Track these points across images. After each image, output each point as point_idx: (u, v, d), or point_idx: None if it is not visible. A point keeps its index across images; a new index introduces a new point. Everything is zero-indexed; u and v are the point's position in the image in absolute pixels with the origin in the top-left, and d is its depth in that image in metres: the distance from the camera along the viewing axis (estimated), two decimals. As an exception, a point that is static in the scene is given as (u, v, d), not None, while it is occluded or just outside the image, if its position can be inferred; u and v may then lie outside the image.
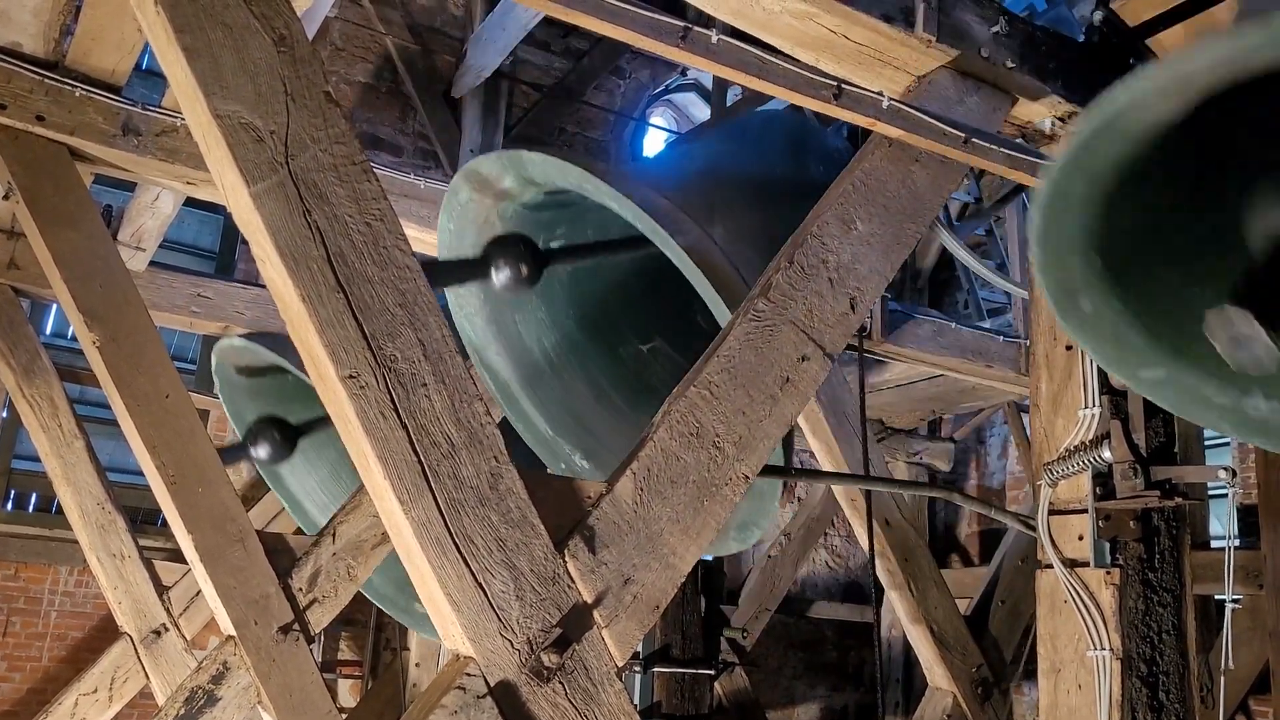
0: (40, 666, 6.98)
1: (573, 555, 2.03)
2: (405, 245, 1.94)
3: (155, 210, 4.59)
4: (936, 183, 2.74)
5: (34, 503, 7.22)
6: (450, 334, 1.96)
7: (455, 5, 8.94)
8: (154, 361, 3.70)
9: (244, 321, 5.42)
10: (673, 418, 2.23)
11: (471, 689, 1.86)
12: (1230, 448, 9.64)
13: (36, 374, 4.56)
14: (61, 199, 3.69)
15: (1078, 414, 2.80)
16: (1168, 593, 2.72)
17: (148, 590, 5.01)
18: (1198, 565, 2.91)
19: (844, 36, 2.58)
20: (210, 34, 1.83)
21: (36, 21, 3.33)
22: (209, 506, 3.69)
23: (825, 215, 2.53)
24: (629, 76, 9.86)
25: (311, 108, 1.90)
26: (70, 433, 4.63)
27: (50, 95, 3.52)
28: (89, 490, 4.72)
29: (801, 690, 9.90)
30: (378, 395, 1.84)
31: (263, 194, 1.81)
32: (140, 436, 3.62)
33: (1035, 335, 3.08)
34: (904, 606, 5.26)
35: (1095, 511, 2.70)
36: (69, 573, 7.10)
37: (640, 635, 2.12)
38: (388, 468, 1.83)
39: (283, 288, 1.86)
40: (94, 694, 5.17)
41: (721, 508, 2.24)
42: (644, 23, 2.37)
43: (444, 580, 1.85)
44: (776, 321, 2.39)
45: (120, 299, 3.72)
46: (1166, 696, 2.64)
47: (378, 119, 8.59)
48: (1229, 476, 2.59)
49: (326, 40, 8.35)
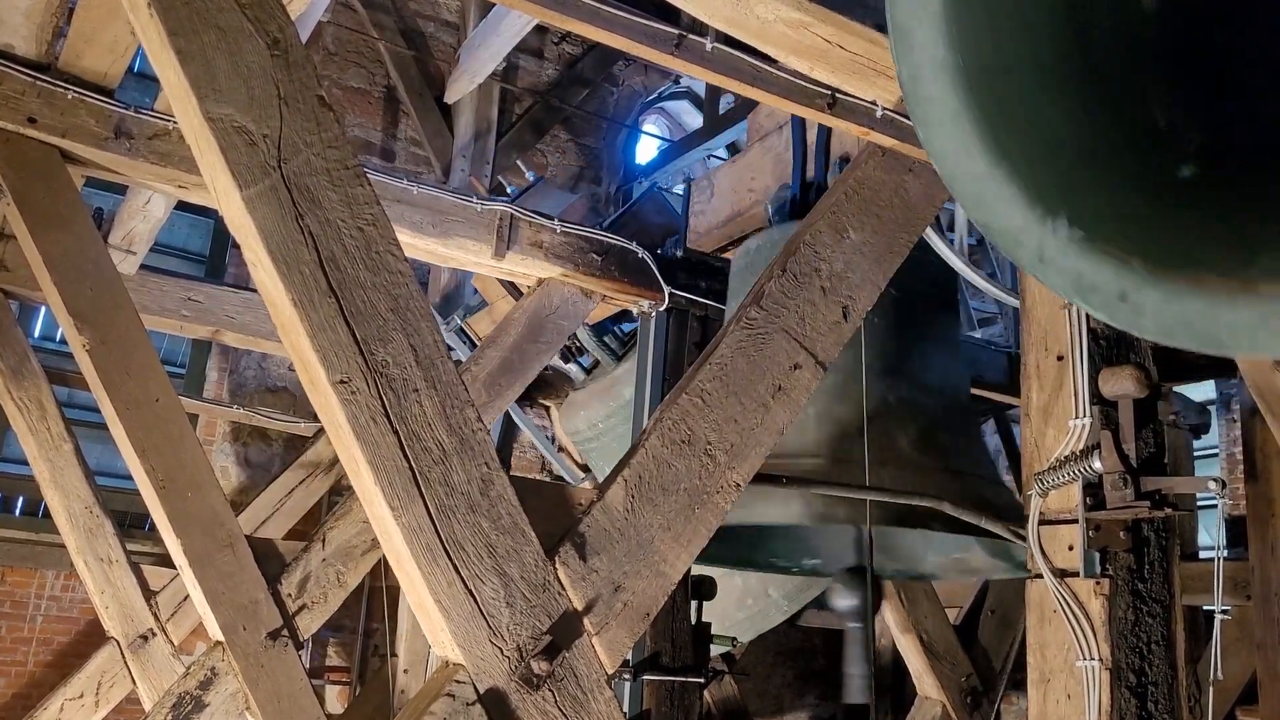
0: (26, 671, 6.93)
1: (563, 562, 2.02)
2: (398, 250, 1.93)
3: (146, 214, 4.57)
4: (929, 192, 2.75)
5: (21, 506, 7.18)
6: (442, 339, 1.96)
7: (449, 11, 8.94)
8: (144, 365, 3.69)
9: (234, 325, 5.41)
10: (664, 425, 2.23)
11: (461, 696, 1.85)
12: (1219, 459, 9.68)
13: (25, 376, 4.54)
14: (52, 201, 3.68)
15: (1068, 424, 2.80)
16: (1157, 603, 2.72)
17: (135, 595, 4.99)
18: (1187, 576, 2.91)
19: (838, 46, 2.59)
20: (203, 37, 1.82)
21: (29, 23, 3.32)
22: (198, 511, 3.67)
23: (818, 224, 2.53)
24: (622, 83, 9.87)
25: (305, 112, 1.89)
26: (59, 436, 4.61)
27: (42, 97, 3.51)
28: (77, 494, 4.69)
29: (790, 699, 9.89)
30: (369, 400, 1.83)
31: (255, 198, 1.81)
32: (129, 440, 3.60)
33: (1026, 345, 3.08)
34: (894, 616, 5.27)
35: (1085, 522, 2.71)
36: (56, 577, 7.06)
37: (630, 643, 2.12)
38: (378, 473, 1.82)
39: (274, 292, 1.85)
40: (80, 699, 5.14)
41: (713, 515, 2.24)
42: (638, 30, 2.37)
43: (434, 587, 1.85)
44: (769, 329, 2.39)
45: (110, 302, 3.70)
46: (1155, 707, 2.64)
47: (371, 124, 8.59)
48: (1218, 487, 2.60)
49: (320, 45, 8.34)
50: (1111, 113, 1.72)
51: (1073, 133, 1.69)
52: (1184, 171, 1.71)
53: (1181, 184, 1.70)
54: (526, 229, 4.23)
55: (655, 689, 4.54)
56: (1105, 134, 1.71)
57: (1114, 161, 1.70)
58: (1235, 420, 8.78)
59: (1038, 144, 1.66)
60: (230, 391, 7.64)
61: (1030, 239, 1.61)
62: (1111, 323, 1.59)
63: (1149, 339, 2.19)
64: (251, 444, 7.68)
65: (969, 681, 5.30)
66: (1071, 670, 2.68)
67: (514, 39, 7.32)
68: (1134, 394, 2.66)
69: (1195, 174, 1.71)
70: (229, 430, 7.62)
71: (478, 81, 8.04)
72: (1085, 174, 1.67)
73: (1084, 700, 2.61)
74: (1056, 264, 1.60)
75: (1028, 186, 1.61)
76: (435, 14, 8.90)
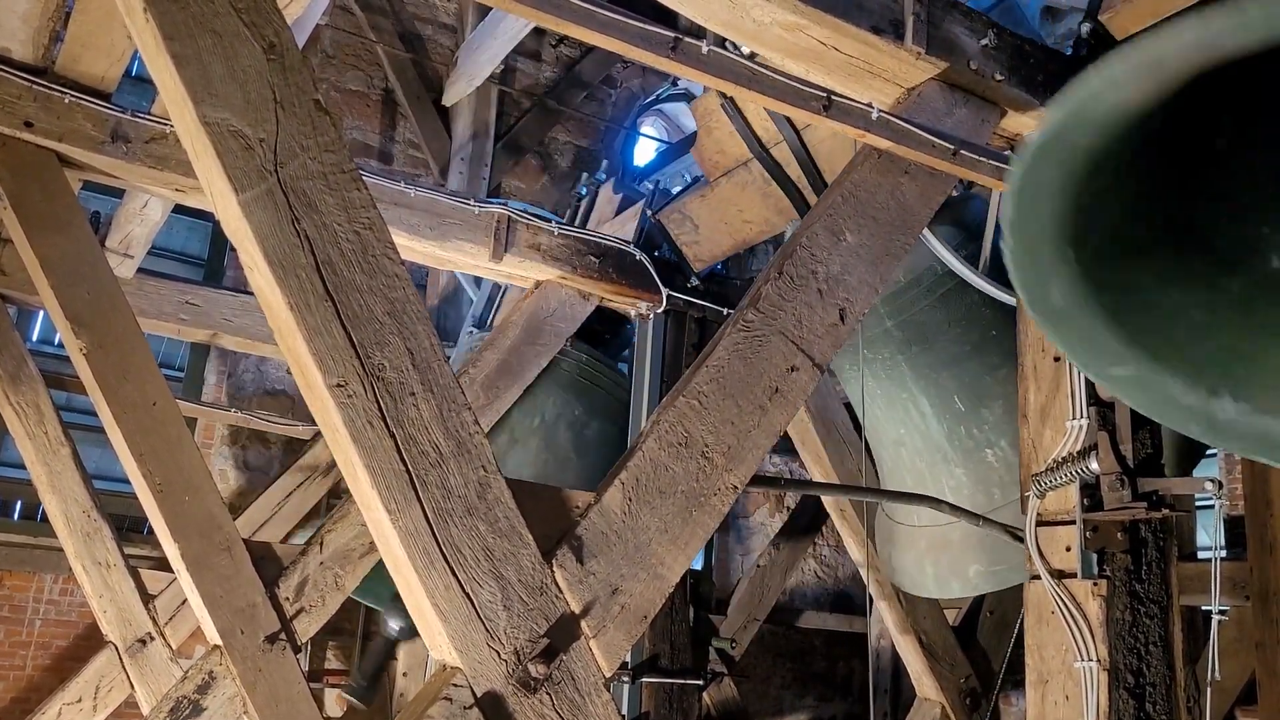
0: (24, 675, 6.92)
1: (560, 565, 2.02)
2: (394, 254, 1.93)
3: (144, 217, 4.58)
4: (926, 194, 2.75)
5: (19, 510, 7.17)
6: (439, 343, 1.96)
7: (446, 14, 8.95)
8: (141, 369, 3.69)
9: (232, 329, 5.41)
10: (661, 428, 2.23)
11: (458, 699, 1.85)
12: (1217, 459, 9.68)
13: (23, 380, 4.54)
14: (49, 205, 3.68)
15: (1066, 425, 2.81)
16: (1154, 604, 2.72)
17: (133, 599, 4.98)
18: (1184, 576, 2.91)
19: (834, 48, 2.59)
20: (199, 41, 1.82)
21: (26, 28, 3.32)
22: (196, 515, 3.67)
23: (814, 226, 2.53)
24: (620, 86, 9.88)
25: (301, 116, 1.89)
26: (56, 440, 4.61)
27: (39, 101, 3.50)
28: (75, 498, 4.69)
29: (790, 700, 9.88)
30: (365, 404, 1.83)
31: (251, 202, 1.81)
32: (127, 444, 3.60)
33: (1024, 346, 3.09)
34: (893, 617, 5.27)
35: (1083, 523, 2.71)
36: (54, 581, 7.05)
37: (628, 645, 2.12)
38: (375, 477, 1.82)
39: (270, 295, 1.85)
40: (78, 703, 5.13)
41: (710, 518, 2.24)
42: (635, 33, 2.37)
43: (431, 590, 1.85)
44: (765, 332, 2.39)
45: (108, 306, 3.70)
46: (1153, 708, 2.64)
47: (368, 126, 8.58)
48: (1215, 488, 2.60)
49: (317, 48, 8.34)
50: (1246, 289, 1.77)
51: (1208, 311, 1.75)
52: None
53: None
54: (524, 231, 4.23)
55: (654, 691, 4.54)
56: (1240, 311, 1.76)
57: (1252, 331, 1.75)
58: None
59: (1180, 332, 1.71)
60: (228, 395, 7.64)
61: (1204, 419, 1.69)
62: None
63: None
64: (250, 447, 7.67)
65: (968, 683, 5.31)
66: (1069, 671, 2.68)
67: (511, 42, 7.33)
68: (1131, 395, 2.66)
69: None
70: (227, 433, 7.61)
71: (476, 84, 8.05)
72: (1230, 348, 1.73)
73: (1082, 701, 2.61)
74: (1237, 431, 1.68)
75: (1183, 375, 1.68)
76: (433, 17, 8.90)
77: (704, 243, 4.59)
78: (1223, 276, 1.74)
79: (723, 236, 4.50)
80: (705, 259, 4.65)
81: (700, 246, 4.61)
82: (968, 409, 4.13)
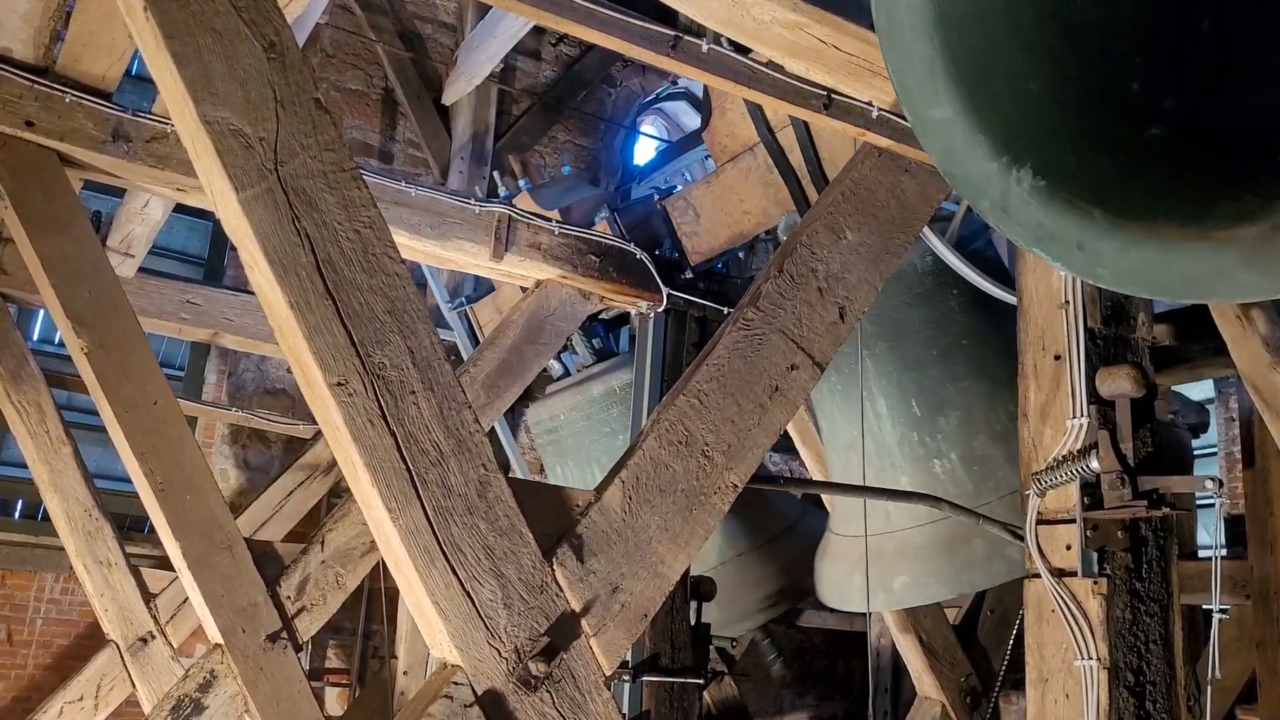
0: (26, 674, 6.92)
1: (561, 564, 2.02)
2: (395, 253, 1.93)
3: (144, 216, 4.58)
4: (925, 192, 2.75)
5: (20, 509, 7.18)
6: (439, 341, 1.96)
7: (446, 12, 8.95)
8: (142, 368, 3.69)
9: (233, 328, 5.41)
10: (661, 426, 2.23)
11: (459, 698, 1.85)
12: (1218, 457, 9.69)
13: (24, 379, 4.54)
14: (50, 204, 3.68)
15: (1066, 424, 2.80)
16: (1155, 602, 2.72)
17: (134, 598, 4.99)
18: (1185, 575, 2.92)
19: (834, 47, 2.59)
20: (199, 40, 1.82)
21: (26, 27, 3.32)
22: (197, 513, 3.67)
23: (814, 225, 2.53)
24: (620, 84, 9.87)
25: (301, 114, 1.89)
26: (57, 439, 4.61)
27: (40, 101, 3.50)
28: (76, 497, 4.69)
29: (790, 699, 9.89)
30: (366, 403, 1.83)
31: (251, 200, 1.81)
32: (128, 443, 3.61)
33: (1024, 346, 3.08)
34: (893, 616, 5.26)
35: (1083, 521, 2.71)
36: (55, 580, 7.06)
37: (628, 644, 2.12)
38: (375, 475, 1.83)
39: (271, 294, 1.86)
40: (80, 702, 5.13)
41: (710, 516, 2.24)
42: (635, 31, 2.38)
43: (431, 589, 1.85)
44: (765, 330, 2.39)
45: (109, 305, 3.70)
46: (1153, 706, 2.64)
47: (369, 126, 8.59)
48: (1216, 486, 2.60)
49: (317, 47, 8.34)
50: (1085, 72, 1.74)
51: (1044, 88, 1.70)
52: (1151, 131, 1.73)
53: (1146, 142, 1.72)
54: (524, 230, 4.23)
55: (654, 690, 4.54)
56: (1077, 91, 1.73)
57: (1082, 118, 1.72)
58: (1234, 419, 8.79)
59: (1008, 95, 1.67)
60: (229, 394, 7.64)
61: (994, 187, 1.63)
62: (1069, 271, 1.62)
63: (1105, 287, 2.18)
64: (250, 446, 7.68)
65: (968, 681, 5.30)
66: (1070, 670, 2.68)
67: (511, 40, 7.33)
68: (1131, 393, 2.67)
69: (1162, 134, 1.73)
70: (228, 433, 7.62)
71: (475, 83, 8.05)
72: (1053, 128, 1.69)
73: (1082, 700, 2.61)
74: (1018, 213, 1.62)
75: (995, 135, 1.63)
76: (433, 16, 8.89)
77: (703, 234, 4.57)
78: (1070, 58, 1.71)
79: (721, 228, 4.48)
80: (703, 251, 4.61)
81: (699, 238, 4.59)
82: (924, 415, 4.08)
